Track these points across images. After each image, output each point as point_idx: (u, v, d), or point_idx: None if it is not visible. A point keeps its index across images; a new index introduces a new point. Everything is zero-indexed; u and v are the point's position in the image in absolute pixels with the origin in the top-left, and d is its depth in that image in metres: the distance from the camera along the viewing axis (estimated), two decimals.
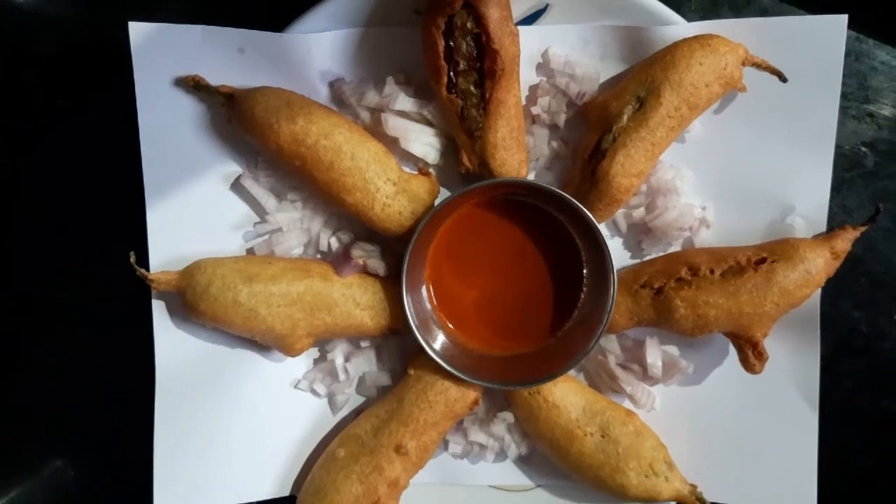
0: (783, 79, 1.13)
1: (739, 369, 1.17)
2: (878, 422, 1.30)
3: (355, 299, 1.16)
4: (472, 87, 1.11)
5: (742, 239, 1.19)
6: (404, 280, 1.13)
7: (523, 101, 1.19)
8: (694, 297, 1.12)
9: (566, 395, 1.16)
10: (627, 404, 1.21)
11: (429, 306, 1.19)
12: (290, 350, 1.16)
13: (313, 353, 1.24)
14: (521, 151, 1.16)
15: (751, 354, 1.14)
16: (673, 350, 1.22)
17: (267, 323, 1.13)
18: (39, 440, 1.30)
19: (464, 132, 1.14)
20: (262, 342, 1.18)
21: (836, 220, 1.22)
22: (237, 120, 1.14)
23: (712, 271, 1.13)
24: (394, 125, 1.16)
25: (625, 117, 1.12)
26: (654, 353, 1.19)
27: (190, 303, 1.13)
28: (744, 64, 1.13)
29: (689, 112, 1.12)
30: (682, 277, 1.14)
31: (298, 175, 1.15)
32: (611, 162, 1.12)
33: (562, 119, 1.19)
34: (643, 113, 1.11)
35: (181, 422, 1.17)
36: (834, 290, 1.19)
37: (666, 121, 1.11)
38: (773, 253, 1.13)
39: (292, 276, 1.14)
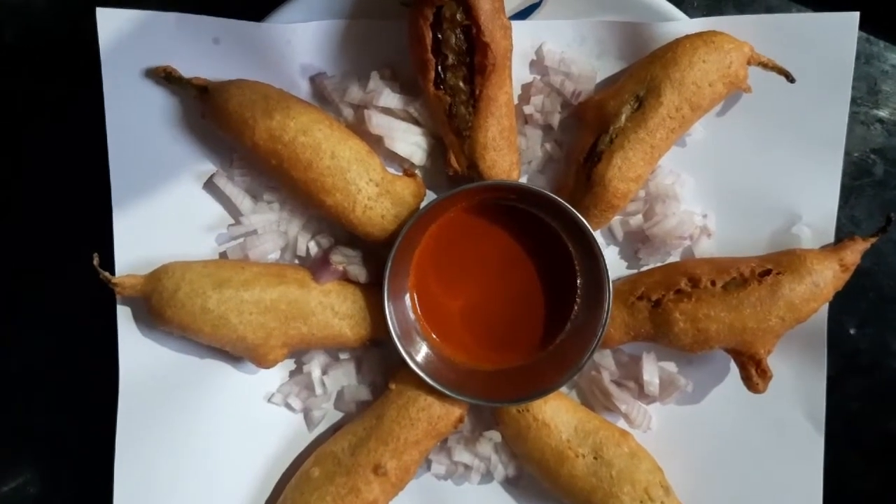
0: (791, 79, 1.11)
1: (741, 388, 1.14)
2: (883, 445, 1.27)
3: (334, 308, 1.13)
4: (461, 83, 1.09)
5: (745, 249, 1.17)
6: (386, 288, 1.11)
7: (515, 100, 1.17)
8: (694, 311, 1.10)
9: (557, 413, 1.14)
10: (622, 424, 1.19)
11: (412, 316, 1.17)
12: (263, 361, 1.13)
13: (289, 364, 1.21)
14: (512, 153, 1.13)
15: (754, 372, 1.12)
16: (671, 366, 1.20)
17: (238, 332, 1.10)
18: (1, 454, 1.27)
19: (452, 131, 1.11)
20: (233, 352, 1.15)
21: (844, 232, 1.20)
22: (211, 114, 1.12)
23: (714, 283, 1.11)
24: (378, 123, 1.14)
25: (623, 117, 1.10)
26: (651, 370, 1.17)
27: (156, 309, 1.10)
28: (749, 63, 1.11)
29: (690, 113, 1.09)
30: (682, 289, 1.12)
31: (275, 174, 1.12)
32: (607, 165, 1.10)
33: (556, 119, 1.17)
34: (642, 113, 1.09)
35: (145, 437, 1.14)
36: (840, 306, 1.17)
37: (666, 122, 1.09)
38: (778, 264, 1.11)
39: (266, 281, 1.11)
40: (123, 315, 1.14)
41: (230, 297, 1.09)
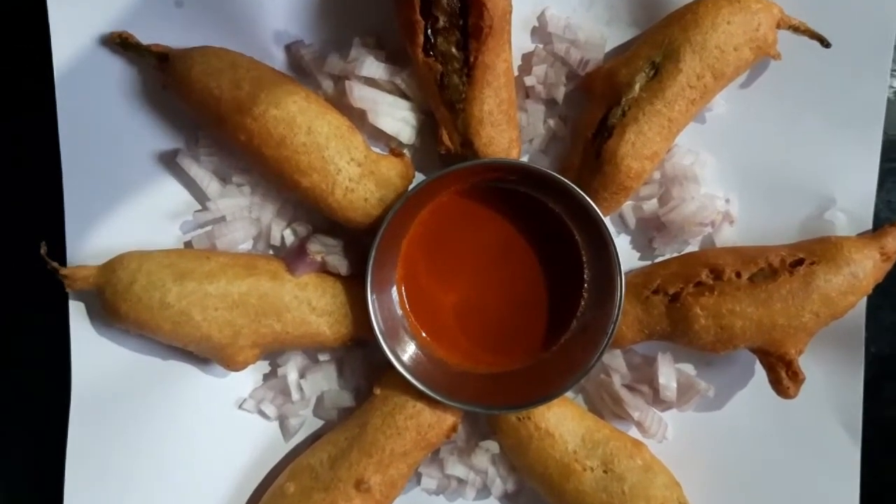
0: (826, 44, 1.05)
1: (769, 393, 1.09)
2: None
3: (311, 303, 1.07)
4: (453, 49, 1.02)
5: (772, 237, 1.12)
6: (370, 280, 1.06)
7: (515, 71, 1.11)
8: (717, 306, 1.04)
9: (562, 421, 1.09)
10: (635, 433, 1.14)
11: (399, 312, 1.11)
12: (232, 363, 1.07)
13: (262, 367, 1.16)
14: (511, 129, 1.07)
15: (784, 375, 1.06)
16: (689, 369, 1.15)
17: (202, 329, 1.04)
18: None
19: (444, 104, 1.05)
20: (198, 353, 1.09)
21: (879, 218, 1.13)
22: (173, 85, 1.05)
23: (739, 275, 1.05)
24: (360, 95, 1.07)
25: (636, 87, 1.03)
26: (668, 373, 1.12)
27: (109, 303, 1.04)
28: (779, 26, 1.04)
29: (713, 82, 1.03)
30: (703, 282, 1.06)
31: (245, 153, 1.06)
32: (619, 141, 1.03)
33: (560, 92, 1.11)
34: (659, 81, 1.03)
35: (100, 448, 1.10)
36: (875, 301, 1.10)
37: (686, 91, 1.02)
38: (811, 253, 1.06)
39: (233, 273, 1.05)
40: (77, 312, 1.09)
41: (192, 291, 1.03)
